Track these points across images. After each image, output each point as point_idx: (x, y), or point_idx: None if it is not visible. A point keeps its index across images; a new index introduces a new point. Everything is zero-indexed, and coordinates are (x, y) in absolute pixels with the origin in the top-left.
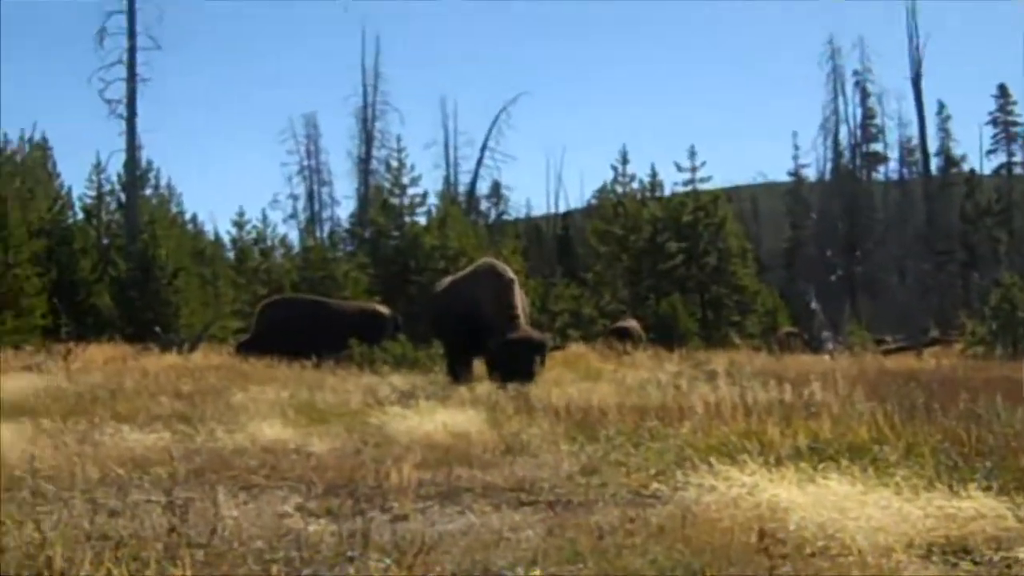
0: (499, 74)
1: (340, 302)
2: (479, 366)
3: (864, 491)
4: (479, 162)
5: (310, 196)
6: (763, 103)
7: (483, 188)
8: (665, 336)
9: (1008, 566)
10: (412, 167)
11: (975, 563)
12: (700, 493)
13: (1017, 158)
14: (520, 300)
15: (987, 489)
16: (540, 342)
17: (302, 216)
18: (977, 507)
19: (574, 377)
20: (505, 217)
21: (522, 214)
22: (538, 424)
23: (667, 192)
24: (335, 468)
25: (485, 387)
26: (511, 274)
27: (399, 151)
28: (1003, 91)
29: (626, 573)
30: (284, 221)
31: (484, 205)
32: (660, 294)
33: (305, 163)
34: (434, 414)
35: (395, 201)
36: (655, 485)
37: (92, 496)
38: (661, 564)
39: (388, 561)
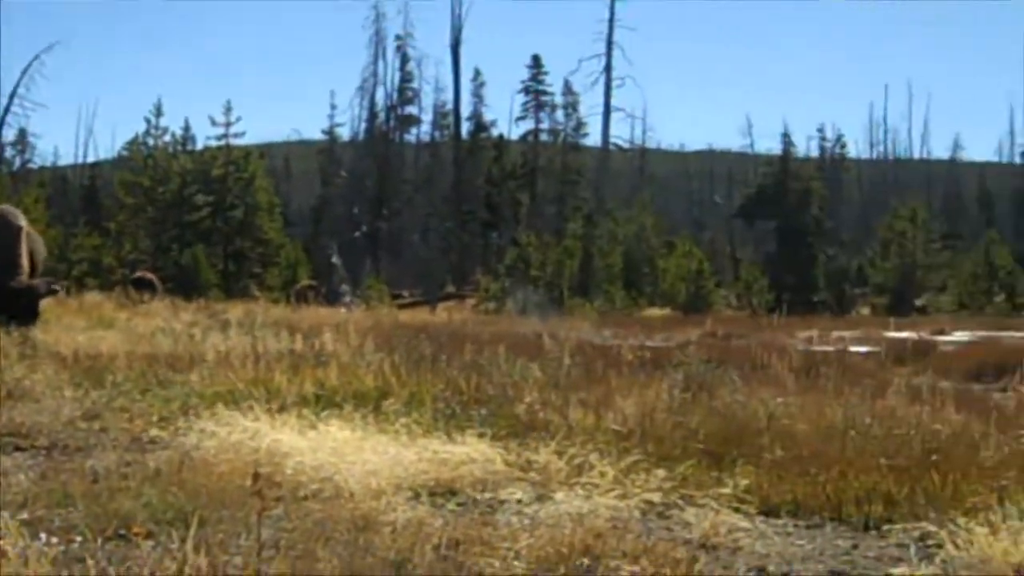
0: (36, 24)
1: None
2: None
3: (363, 437)
4: (6, 110)
5: None
6: (304, 63)
7: (9, 136)
8: (186, 287)
9: (491, 505)
10: None
11: (460, 504)
12: (201, 438)
13: (544, 125)
14: (26, 249)
15: (482, 435)
16: (31, 289)
17: None
18: (469, 452)
19: (86, 325)
20: (31, 166)
21: (49, 163)
22: (43, 370)
23: (200, 146)
24: None
25: None
26: (21, 222)
27: None
28: (536, 61)
29: (117, 515)
30: None
31: (9, 153)
32: (184, 245)
33: None
34: None
35: None
36: (156, 431)
37: None
38: (154, 506)
39: None
